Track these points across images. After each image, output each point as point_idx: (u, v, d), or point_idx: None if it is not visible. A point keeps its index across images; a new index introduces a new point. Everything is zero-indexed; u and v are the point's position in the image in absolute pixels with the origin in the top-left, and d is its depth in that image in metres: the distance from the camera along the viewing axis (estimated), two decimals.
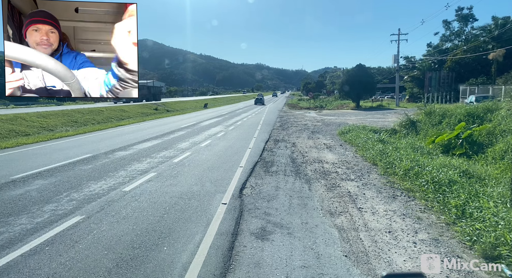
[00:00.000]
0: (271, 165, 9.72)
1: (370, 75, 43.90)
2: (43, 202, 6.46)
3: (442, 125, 13.02)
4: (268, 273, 3.88)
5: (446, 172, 6.91)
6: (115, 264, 4.08)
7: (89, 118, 26.40)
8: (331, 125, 20.60)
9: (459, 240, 4.60)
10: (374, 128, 16.58)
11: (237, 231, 5.10)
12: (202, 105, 51.36)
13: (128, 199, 6.66)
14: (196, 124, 23.16)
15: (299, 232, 5.02)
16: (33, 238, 4.84)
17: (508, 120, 10.28)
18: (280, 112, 36.49)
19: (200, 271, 3.92)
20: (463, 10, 44.17)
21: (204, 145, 13.78)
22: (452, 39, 46.81)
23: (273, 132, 17.64)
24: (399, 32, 43.24)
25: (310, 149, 12.35)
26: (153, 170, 9.13)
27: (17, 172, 8.95)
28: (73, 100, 41.14)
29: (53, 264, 4.11)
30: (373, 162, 9.64)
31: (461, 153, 9.74)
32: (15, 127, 19.05)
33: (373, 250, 4.41)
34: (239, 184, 7.66)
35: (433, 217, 5.49)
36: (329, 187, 7.37)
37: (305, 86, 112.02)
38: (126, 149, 12.82)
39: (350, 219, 5.49)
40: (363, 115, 27.82)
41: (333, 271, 3.91)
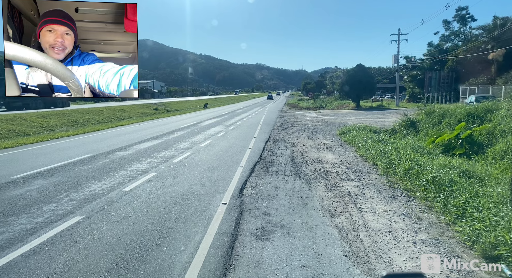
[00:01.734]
0: (271, 165, 9.71)
1: (370, 75, 43.90)
2: (43, 202, 6.46)
3: (442, 125, 13.01)
4: (268, 273, 3.87)
5: (446, 172, 6.91)
6: (115, 264, 4.08)
7: (89, 118, 26.40)
8: (331, 125, 20.60)
9: (459, 240, 4.60)
10: (374, 128, 16.58)
11: (237, 231, 5.10)
12: (202, 106, 51.35)
13: (128, 199, 6.66)
14: (196, 125, 23.16)
15: (299, 232, 5.02)
16: (33, 238, 4.84)
17: (508, 120, 10.28)
18: (280, 112, 36.48)
19: (200, 271, 3.92)
20: (462, 10, 44.26)
21: (204, 145, 13.78)
22: (452, 39, 46.84)
23: (273, 133, 17.64)
24: (399, 32, 43.29)
25: (310, 149, 12.35)
26: (153, 170, 9.13)
27: (17, 172, 8.95)
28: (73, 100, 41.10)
29: (53, 264, 4.11)
30: (373, 162, 9.64)
31: (461, 153, 9.74)
32: (15, 127, 19.05)
33: (373, 250, 4.41)
34: (239, 184, 7.66)
35: (433, 217, 5.49)
36: (329, 187, 7.37)
37: (305, 86, 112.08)
38: (126, 149, 12.82)
39: (350, 219, 5.49)
40: (363, 115, 27.82)
41: (333, 271, 3.91)
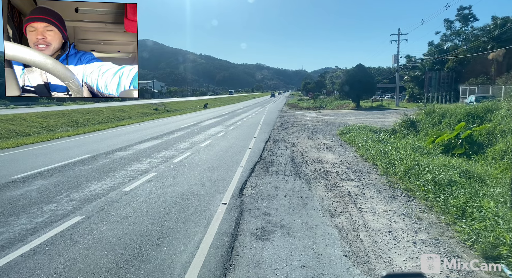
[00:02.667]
0: (271, 165, 9.71)
1: (370, 75, 43.90)
2: (43, 202, 6.46)
3: (442, 125, 13.01)
4: (268, 273, 3.87)
5: (446, 171, 6.91)
6: (115, 264, 4.08)
7: (89, 118, 26.40)
8: (331, 125, 20.60)
9: (459, 240, 4.60)
10: (374, 128, 16.58)
11: (237, 231, 5.10)
12: (202, 106, 51.36)
13: (128, 199, 6.66)
14: (196, 125, 23.16)
15: (299, 232, 5.02)
16: (33, 238, 4.84)
17: (508, 120, 10.28)
18: (280, 112, 36.48)
19: (200, 271, 3.92)
20: (464, 10, 44.24)
21: (204, 145, 13.78)
22: (453, 39, 46.82)
23: (273, 133, 17.64)
24: (399, 32, 43.28)
25: (310, 149, 12.35)
26: (153, 170, 9.13)
27: (17, 172, 8.96)
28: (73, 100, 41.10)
29: (53, 264, 4.11)
30: (373, 162, 9.64)
31: (461, 153, 9.73)
32: (15, 128, 19.05)
33: (373, 250, 4.41)
34: (239, 184, 7.66)
35: (433, 217, 5.49)
36: (329, 187, 7.37)
37: (305, 86, 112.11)
38: (126, 149, 12.82)
39: (350, 219, 5.49)
40: (363, 115, 27.82)
41: (333, 271, 3.91)
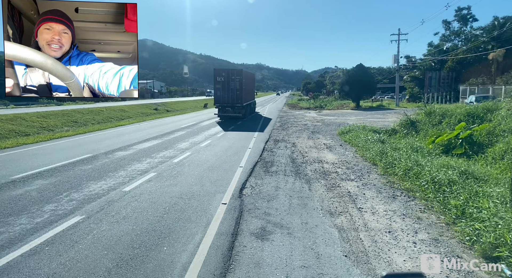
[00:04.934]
0: (271, 165, 9.72)
1: (370, 75, 43.89)
2: (43, 202, 6.46)
3: (442, 125, 13.01)
4: (268, 273, 3.88)
5: (446, 172, 6.91)
6: (115, 264, 4.08)
7: (89, 118, 26.39)
8: (331, 126, 20.60)
9: (459, 240, 4.60)
10: (374, 128, 16.58)
11: (237, 231, 5.10)
12: (202, 106, 51.31)
13: (128, 199, 6.66)
14: (196, 125, 23.15)
15: (299, 232, 5.02)
16: (33, 238, 4.84)
17: (508, 120, 10.28)
18: (280, 112, 36.46)
19: (200, 271, 3.92)
20: (462, 10, 44.25)
21: (204, 145, 13.78)
22: (452, 39, 46.82)
23: (273, 133, 17.64)
24: (399, 32, 43.24)
25: (310, 149, 12.35)
26: (153, 170, 9.13)
27: (17, 172, 8.95)
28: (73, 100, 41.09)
29: (53, 264, 4.12)
30: (373, 162, 9.64)
31: (461, 153, 9.73)
32: (15, 127, 19.03)
33: (373, 250, 4.42)
34: (239, 184, 7.66)
35: (433, 217, 5.49)
36: (329, 187, 7.37)
37: (305, 86, 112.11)
38: (126, 149, 12.82)
39: (350, 219, 5.49)
40: (363, 115, 27.82)
41: (333, 271, 3.92)
